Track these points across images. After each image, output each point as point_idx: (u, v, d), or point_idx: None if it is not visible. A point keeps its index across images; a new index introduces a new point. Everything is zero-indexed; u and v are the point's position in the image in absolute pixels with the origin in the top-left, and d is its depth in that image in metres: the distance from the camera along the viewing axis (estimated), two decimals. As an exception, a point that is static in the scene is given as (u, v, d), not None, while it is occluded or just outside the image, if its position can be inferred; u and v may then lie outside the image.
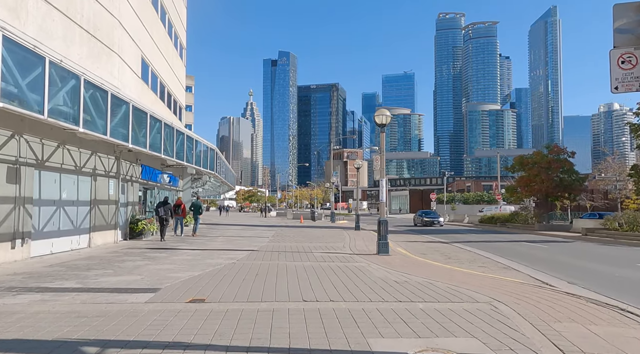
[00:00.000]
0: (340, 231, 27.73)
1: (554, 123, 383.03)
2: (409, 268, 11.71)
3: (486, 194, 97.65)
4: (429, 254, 16.70)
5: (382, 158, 15.07)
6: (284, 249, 16.06)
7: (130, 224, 18.95)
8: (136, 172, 20.10)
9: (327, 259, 13.18)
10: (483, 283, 9.39)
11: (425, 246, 20.27)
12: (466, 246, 20.36)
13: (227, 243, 18.23)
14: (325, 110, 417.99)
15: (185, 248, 15.78)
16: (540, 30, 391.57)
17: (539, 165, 31.65)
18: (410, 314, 6.47)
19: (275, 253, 14.53)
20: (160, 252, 14.26)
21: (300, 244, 18.30)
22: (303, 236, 22.93)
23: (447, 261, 14.42)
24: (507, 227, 35.58)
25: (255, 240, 20.02)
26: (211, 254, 14.09)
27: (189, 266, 11.20)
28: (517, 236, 28.14)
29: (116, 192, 17.31)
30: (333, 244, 18.29)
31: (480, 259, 15.47)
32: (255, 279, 9.32)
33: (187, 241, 19.11)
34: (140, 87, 20.99)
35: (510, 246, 20.99)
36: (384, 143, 15.04)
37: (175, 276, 9.54)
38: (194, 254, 13.99)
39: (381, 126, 14.88)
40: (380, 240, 14.55)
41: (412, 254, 16.21)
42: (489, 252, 17.50)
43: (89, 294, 7.49)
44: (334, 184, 50.21)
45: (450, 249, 18.95)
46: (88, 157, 15.18)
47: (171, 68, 28.36)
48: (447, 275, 10.57)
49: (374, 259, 13.39)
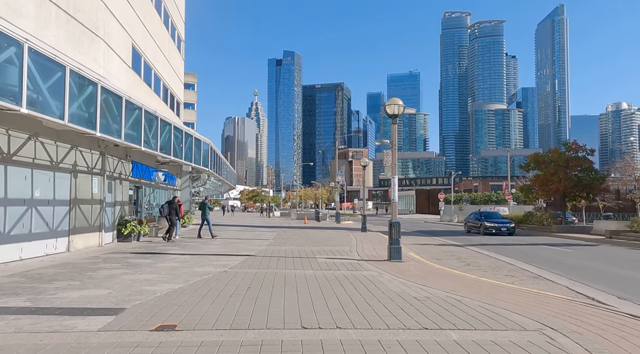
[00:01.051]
0: (345, 233, 26.15)
1: (561, 123, 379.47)
2: (427, 278, 10.11)
3: (494, 194, 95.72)
4: (445, 260, 15.09)
5: (393, 153, 13.47)
6: (284, 253, 14.49)
7: (118, 226, 17.45)
8: (126, 169, 18.61)
9: (332, 266, 11.60)
10: (519, 300, 7.78)
11: (438, 250, 18.65)
12: (483, 250, 18.72)
13: (223, 247, 16.69)
14: (330, 110, 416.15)
15: (175, 253, 14.25)
16: (547, 29, 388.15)
17: (557, 163, 29.91)
18: (443, 350, 4.88)
19: (274, 259, 12.96)
20: (145, 258, 12.73)
21: (302, 248, 16.73)
22: (306, 239, 21.37)
23: (467, 269, 12.80)
24: (522, 228, 33.85)
25: (255, 243, 18.48)
26: (202, 260, 12.54)
27: (172, 276, 9.65)
28: (535, 238, 26.44)
29: (101, 190, 15.80)
30: (339, 248, 16.71)
31: (504, 266, 13.83)
32: (245, 294, 7.76)
33: (180, 244, 17.58)
34: (132, 79, 19.49)
35: (530, 250, 19.32)
36: (395, 136, 13.43)
37: (151, 289, 7.99)
38: (182, 260, 12.44)
39: (393, 117, 13.28)
40: (392, 244, 12.96)
41: (427, 260, 14.60)
42: (510, 258, 15.86)
43: (32, 318, 5.94)
44: (339, 183, 48.61)
45: (466, 254, 17.32)
46: (67, 152, 13.68)
47: (168, 61, 26.86)
48: (474, 288, 8.97)
49: (386, 266, 11.79)
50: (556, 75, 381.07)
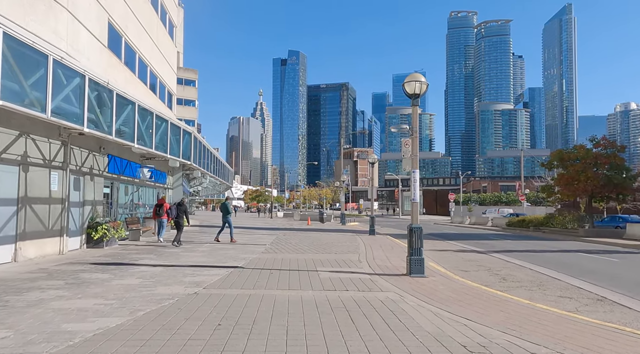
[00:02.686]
0: (352, 237, 23.58)
1: (569, 123, 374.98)
2: (465, 303, 7.53)
3: (504, 195, 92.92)
4: (473, 272, 12.50)
5: (414, 142, 10.90)
6: (279, 264, 11.93)
7: (88, 229, 14.96)
8: (100, 163, 16.13)
9: (338, 284, 9.04)
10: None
11: (460, 258, 16.04)
12: (511, 258, 16.11)
13: (209, 254, 14.15)
14: (335, 110, 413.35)
15: (147, 263, 11.72)
16: (555, 29, 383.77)
17: (584, 161, 27.19)
18: None
19: (265, 273, 10.40)
20: (105, 271, 10.20)
21: (303, 256, 14.18)
22: (308, 243, 18.82)
23: (506, 286, 10.21)
24: (543, 232, 31.13)
25: (248, 249, 15.94)
26: (174, 274, 10.00)
27: (121, 302, 7.12)
28: (562, 243, 23.74)
29: (64, 187, 13.30)
30: (345, 256, 14.14)
31: (549, 281, 11.21)
32: (209, 339, 5.20)
33: (158, 250, 15.06)
34: (107, 60, 16.99)
35: (567, 258, 16.67)
36: (416, 120, 10.84)
37: (72, 329, 5.45)
38: (149, 274, 9.91)
39: (413, 97, 10.71)
40: (412, 255, 10.38)
41: (452, 272, 12.01)
42: (550, 269, 13.24)
43: None
44: (345, 182, 46.00)
45: (495, 263, 14.70)
46: (14, 140, 11.19)
47: (157, 46, 24.38)
48: (538, 323, 6.37)
49: (406, 284, 9.22)
50: (564, 75, 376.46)
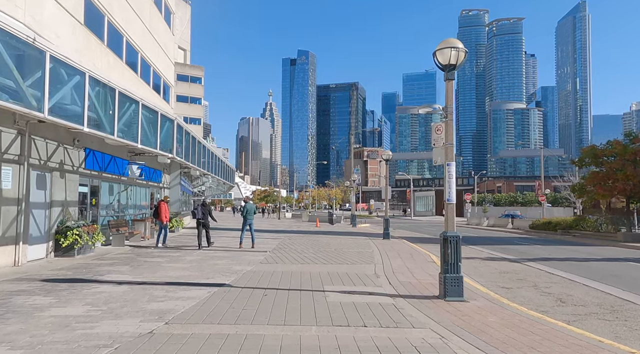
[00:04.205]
0: (365, 241, 21.21)
1: (583, 122, 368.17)
2: (536, 351, 5.14)
3: (520, 195, 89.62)
4: (517, 290, 10.09)
5: (448, 127, 8.51)
6: (277, 281, 9.60)
7: (56, 235, 12.75)
8: (74, 158, 13.93)
9: (351, 314, 6.68)
10: None
11: (492, 269, 13.60)
12: (555, 270, 13.63)
13: (197, 265, 11.86)
14: (345, 109, 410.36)
15: (111, 280, 9.41)
16: (568, 26, 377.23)
17: (621, 157, 24.50)
18: None
19: (257, 294, 8.08)
20: (48, 294, 7.91)
21: (308, 267, 11.84)
22: (316, 250, 16.49)
23: (571, 313, 7.79)
24: (573, 235, 28.45)
25: (245, 258, 13.65)
26: (138, 297, 7.70)
27: (32, 351, 4.83)
28: (601, 249, 21.12)
29: (20, 185, 11.10)
30: (359, 268, 11.78)
31: (621, 304, 8.73)
32: None
33: (137, 261, 12.79)
34: (85, 39, 14.78)
35: (617, 269, 14.11)
36: (452, 99, 8.45)
37: None
38: (105, 297, 7.62)
39: (448, 69, 8.34)
40: (447, 272, 7.99)
41: (493, 291, 9.62)
42: (607, 285, 10.80)
43: None
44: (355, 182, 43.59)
45: (538, 276, 12.24)
46: (-53, 126, 8.99)
47: (149, 31, 22.19)
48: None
49: (444, 314, 6.84)
50: (577, 73, 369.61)
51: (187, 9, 73.81)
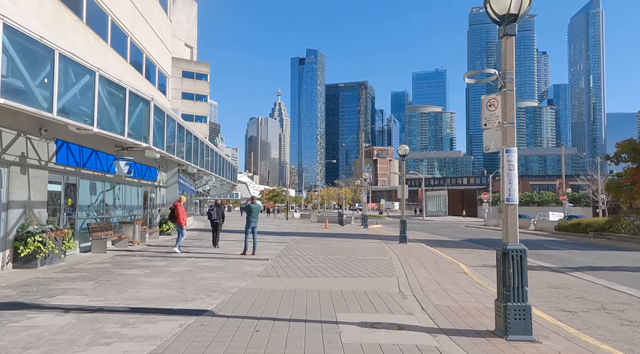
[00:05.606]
0: (379, 245, 18.94)
1: (596, 120, 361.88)
2: None
3: (536, 195, 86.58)
4: (586, 316, 7.82)
5: (507, 99, 6.29)
6: (275, 306, 7.38)
7: (14, 242, 10.65)
8: (41, 151, 11.84)
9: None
10: None
11: (536, 281, 11.32)
12: (612, 283, 11.37)
13: (177, 281, 9.67)
14: (354, 109, 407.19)
15: (58, 305, 7.22)
16: (581, 23, 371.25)
17: (666, 152, 22.05)
18: None
19: (245, 330, 5.86)
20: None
21: (316, 282, 9.62)
22: (325, 257, 14.27)
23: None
24: (608, 238, 25.92)
25: (241, 269, 11.46)
26: (76, 339, 5.51)
27: None
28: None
29: (-38, 182, 9.00)
30: (378, 284, 9.53)
31: None
32: None
33: (110, 273, 10.65)
34: (54, 12, 12.66)
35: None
36: (512, 62, 6.28)
37: None
38: (28, 339, 5.44)
39: (507, 20, 6.15)
40: (509, 300, 5.73)
41: (557, 318, 7.34)
42: None
43: None
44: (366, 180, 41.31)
45: (599, 294, 9.94)
46: None
47: (141, 13, 20.11)
48: None
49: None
50: (591, 71, 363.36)
51: (193, 5, 71.99)
